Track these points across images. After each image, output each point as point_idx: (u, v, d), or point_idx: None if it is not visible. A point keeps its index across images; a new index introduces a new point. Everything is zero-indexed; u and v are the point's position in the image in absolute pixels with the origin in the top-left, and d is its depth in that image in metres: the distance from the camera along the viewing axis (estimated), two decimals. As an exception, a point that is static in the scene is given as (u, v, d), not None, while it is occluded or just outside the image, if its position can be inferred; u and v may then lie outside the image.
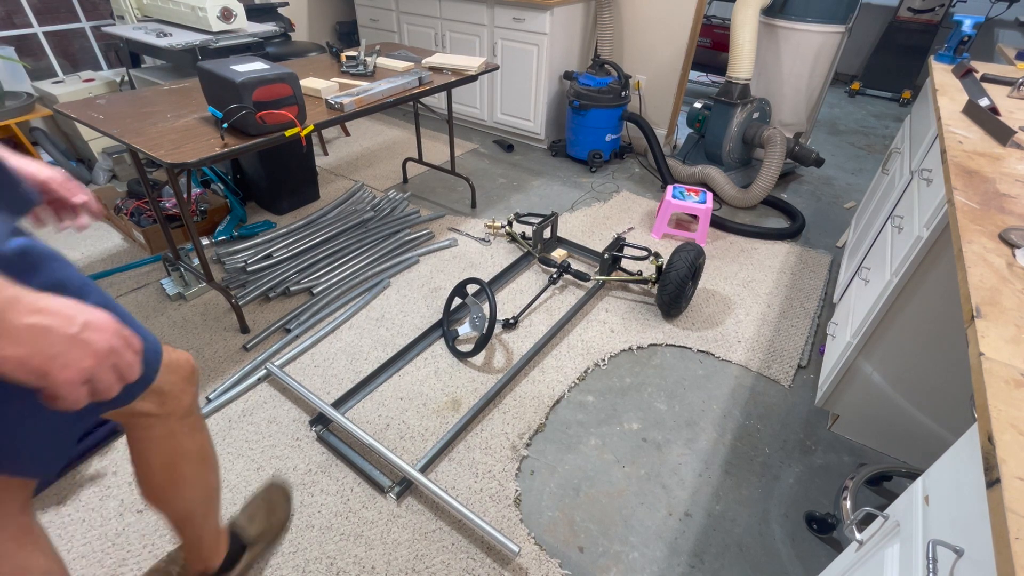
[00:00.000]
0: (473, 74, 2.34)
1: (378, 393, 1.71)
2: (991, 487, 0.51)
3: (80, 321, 0.50)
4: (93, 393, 0.52)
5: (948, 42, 2.12)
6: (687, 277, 1.93)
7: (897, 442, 1.55)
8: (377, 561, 1.27)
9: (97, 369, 0.51)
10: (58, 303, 0.50)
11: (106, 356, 0.52)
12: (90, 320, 0.51)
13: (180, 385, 0.84)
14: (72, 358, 0.49)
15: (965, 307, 0.75)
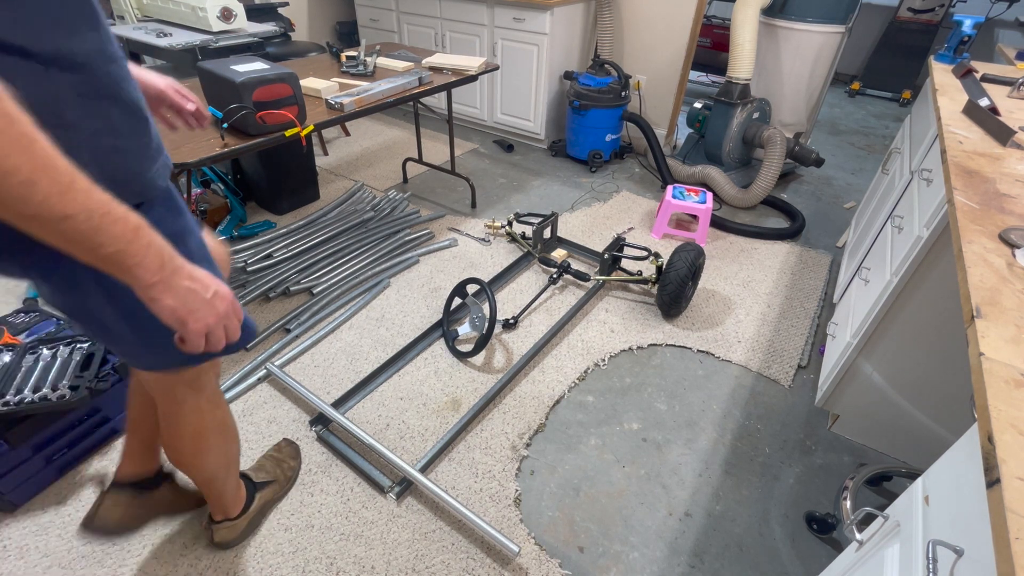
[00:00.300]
0: (473, 74, 2.34)
1: (378, 393, 1.71)
2: (991, 487, 0.51)
3: (212, 290, 0.66)
4: (208, 344, 0.68)
5: (948, 42, 2.12)
6: (687, 277, 1.93)
7: (897, 442, 1.55)
8: (377, 561, 1.27)
9: (215, 326, 0.67)
10: (202, 273, 0.66)
11: (223, 318, 0.68)
12: (218, 291, 0.67)
13: (207, 367, 0.96)
14: (202, 315, 0.65)
15: (965, 307, 0.75)
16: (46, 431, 1.35)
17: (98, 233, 0.53)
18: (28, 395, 1.29)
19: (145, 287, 0.60)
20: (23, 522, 1.32)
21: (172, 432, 1.01)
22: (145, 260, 0.58)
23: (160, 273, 0.60)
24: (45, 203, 0.48)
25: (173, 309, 0.63)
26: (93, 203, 0.52)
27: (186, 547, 1.28)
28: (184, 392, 0.96)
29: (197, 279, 0.65)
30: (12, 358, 1.39)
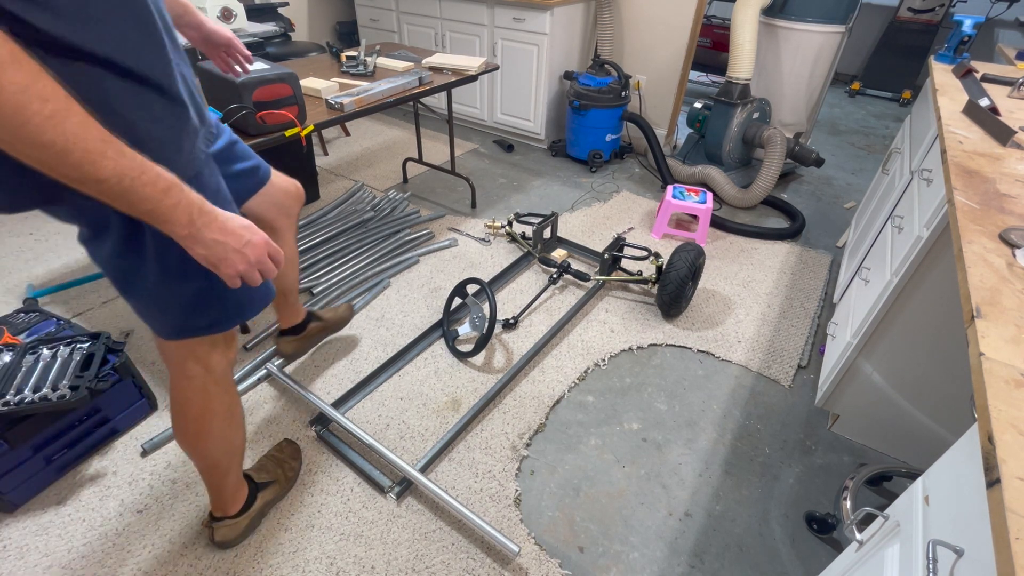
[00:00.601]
0: (473, 74, 2.34)
1: (378, 393, 1.71)
2: (991, 487, 0.51)
3: (245, 240, 0.75)
4: (246, 281, 0.78)
5: (948, 42, 2.12)
6: (687, 277, 1.93)
7: (897, 442, 1.55)
8: (377, 561, 1.27)
9: (246, 272, 0.77)
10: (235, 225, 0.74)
11: (254, 264, 0.77)
12: (251, 240, 0.76)
13: (221, 346, 1.01)
14: (233, 261, 0.74)
15: (965, 307, 0.75)
16: (46, 431, 1.35)
17: (129, 193, 0.62)
18: (28, 395, 1.29)
19: (179, 238, 0.70)
20: (23, 522, 1.32)
21: (178, 409, 1.05)
22: (173, 216, 0.67)
23: (189, 228, 0.69)
24: (80, 168, 0.58)
25: (204, 257, 0.73)
26: (124, 168, 0.60)
27: (186, 547, 1.28)
28: (194, 368, 0.99)
29: (229, 231, 0.73)
30: (12, 358, 1.39)
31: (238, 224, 0.75)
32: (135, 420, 1.57)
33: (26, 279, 2.16)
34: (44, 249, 2.34)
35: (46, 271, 2.21)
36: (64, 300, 2.05)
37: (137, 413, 1.57)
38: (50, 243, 2.38)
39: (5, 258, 2.27)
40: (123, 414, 1.53)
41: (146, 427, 1.57)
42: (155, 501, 1.38)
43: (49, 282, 2.14)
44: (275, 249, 0.80)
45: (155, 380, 1.72)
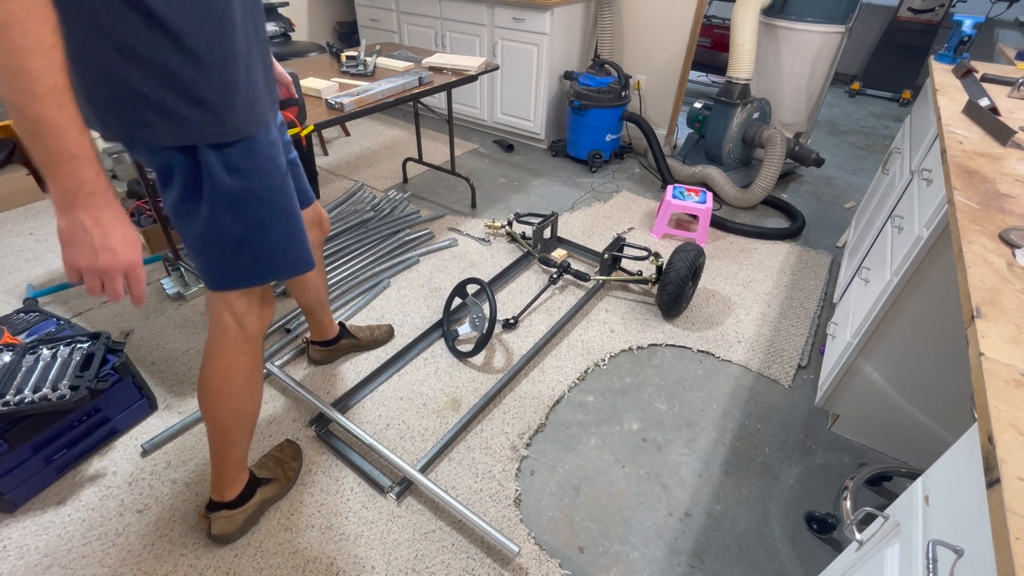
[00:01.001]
0: (473, 74, 2.34)
1: (378, 393, 1.71)
2: (991, 487, 0.51)
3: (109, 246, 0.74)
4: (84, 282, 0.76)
5: (948, 42, 2.12)
6: (687, 277, 1.93)
7: (897, 442, 1.55)
8: (377, 561, 1.27)
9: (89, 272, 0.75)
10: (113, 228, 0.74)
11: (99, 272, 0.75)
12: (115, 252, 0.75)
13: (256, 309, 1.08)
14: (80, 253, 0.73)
15: (965, 307, 0.75)
16: (46, 431, 1.35)
17: (34, 138, 0.65)
18: (28, 395, 1.30)
19: (53, 200, 0.71)
20: (23, 522, 1.32)
21: (207, 359, 1.11)
22: (57, 180, 0.69)
23: (64, 200, 0.70)
24: (14, 96, 0.62)
25: (61, 230, 0.73)
26: (49, 120, 0.64)
27: (186, 547, 1.28)
28: (229, 321, 1.06)
29: (101, 226, 0.73)
30: (12, 358, 1.39)
31: (119, 232, 0.75)
32: (135, 420, 1.57)
33: (26, 279, 2.16)
34: (44, 249, 2.34)
35: (46, 271, 2.21)
36: (64, 300, 2.05)
37: (137, 413, 1.57)
38: (50, 243, 2.38)
39: (5, 258, 2.27)
40: (123, 414, 1.53)
41: (146, 427, 1.57)
42: (155, 501, 1.38)
43: (49, 282, 2.14)
44: (137, 275, 0.78)
45: (155, 380, 1.72)
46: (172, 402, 1.65)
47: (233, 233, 0.96)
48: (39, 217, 2.58)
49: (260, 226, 0.98)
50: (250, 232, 0.97)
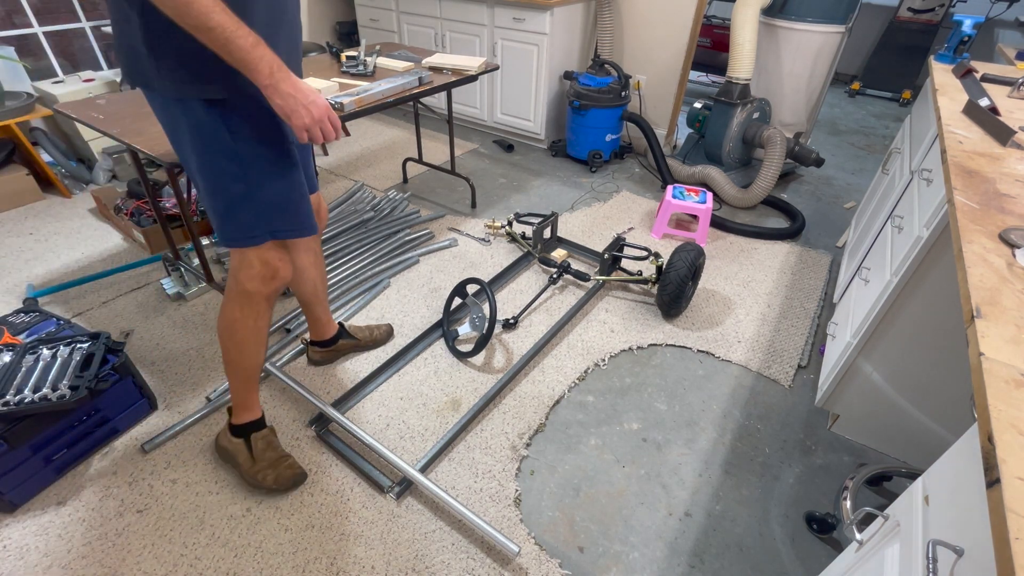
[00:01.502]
0: (473, 74, 2.33)
1: (378, 393, 1.71)
2: (991, 487, 0.51)
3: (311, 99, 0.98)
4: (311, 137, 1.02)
5: (948, 42, 2.12)
6: (687, 277, 1.93)
7: (897, 442, 1.55)
8: (377, 561, 1.27)
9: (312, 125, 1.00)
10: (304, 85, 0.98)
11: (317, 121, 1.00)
12: (315, 101, 0.99)
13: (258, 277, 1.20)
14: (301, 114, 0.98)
15: (965, 307, 0.75)
16: (46, 431, 1.35)
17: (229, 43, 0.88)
18: (28, 395, 1.30)
19: (262, 87, 0.94)
20: (23, 522, 1.32)
21: (223, 306, 1.26)
22: (259, 66, 0.92)
23: (270, 78, 0.93)
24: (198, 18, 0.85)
25: (280, 107, 0.96)
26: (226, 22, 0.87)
27: (186, 547, 1.28)
28: (232, 281, 1.22)
29: (299, 88, 0.97)
30: (12, 358, 1.39)
31: (306, 86, 0.98)
32: (135, 420, 1.57)
33: (26, 279, 2.16)
34: (44, 249, 2.34)
35: (46, 271, 2.21)
36: (64, 300, 2.05)
37: (137, 413, 1.57)
38: (50, 243, 2.38)
39: (5, 258, 2.27)
40: (123, 414, 1.53)
41: (146, 427, 1.57)
42: (155, 501, 1.38)
43: (49, 282, 2.14)
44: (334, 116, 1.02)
45: (155, 380, 1.72)
46: (172, 402, 1.65)
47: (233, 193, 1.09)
48: (39, 217, 2.58)
49: (259, 185, 1.10)
50: (251, 189, 1.09)
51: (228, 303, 1.25)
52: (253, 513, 1.36)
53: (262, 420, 1.44)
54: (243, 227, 1.14)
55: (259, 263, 1.19)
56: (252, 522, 1.34)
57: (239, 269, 1.20)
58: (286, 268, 1.23)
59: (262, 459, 1.39)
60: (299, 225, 1.20)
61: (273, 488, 1.38)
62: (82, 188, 2.83)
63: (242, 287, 1.21)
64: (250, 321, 1.26)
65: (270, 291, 1.24)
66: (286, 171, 1.13)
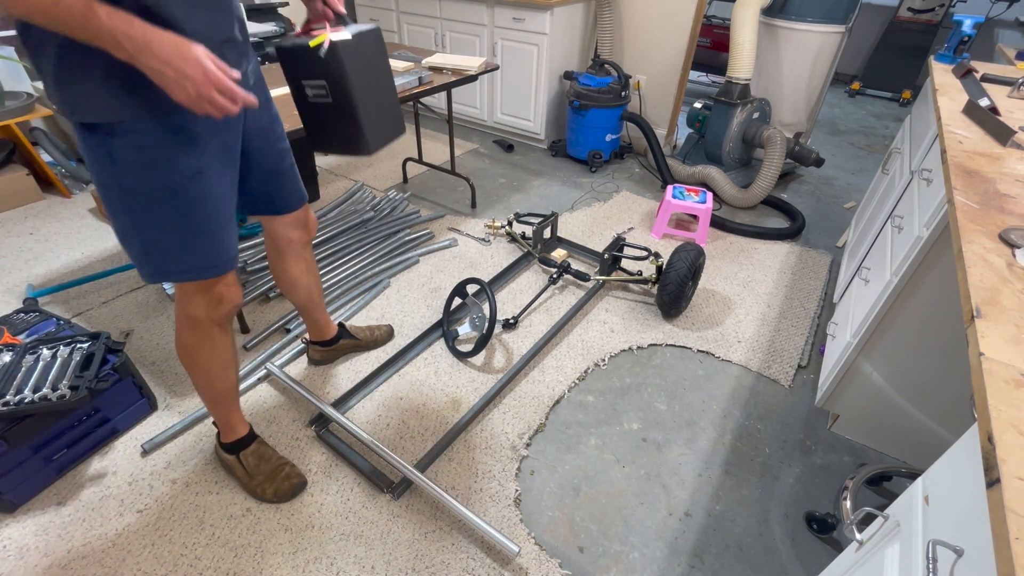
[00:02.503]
0: (473, 74, 2.34)
1: (378, 393, 1.71)
2: (991, 487, 0.51)
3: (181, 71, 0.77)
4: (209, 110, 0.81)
5: (948, 42, 2.12)
6: (687, 277, 1.93)
7: (897, 442, 1.55)
8: (377, 561, 1.27)
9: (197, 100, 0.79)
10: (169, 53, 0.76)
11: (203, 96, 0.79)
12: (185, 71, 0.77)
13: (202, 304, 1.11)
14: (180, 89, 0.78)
15: (965, 307, 0.75)
16: (46, 431, 1.35)
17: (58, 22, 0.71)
18: (28, 395, 1.30)
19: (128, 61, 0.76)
20: (23, 522, 1.32)
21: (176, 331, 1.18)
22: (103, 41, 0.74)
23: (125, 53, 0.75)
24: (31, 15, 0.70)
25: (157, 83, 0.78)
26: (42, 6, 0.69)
27: (186, 547, 1.28)
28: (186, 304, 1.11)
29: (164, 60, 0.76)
30: (12, 358, 1.39)
31: (173, 53, 0.76)
32: (135, 420, 1.57)
33: (26, 279, 2.16)
34: (44, 249, 2.34)
35: (46, 271, 2.21)
36: (64, 300, 2.05)
37: (137, 413, 1.57)
38: (50, 243, 2.38)
39: (5, 258, 2.28)
40: (123, 414, 1.53)
41: (146, 427, 1.57)
42: (155, 501, 1.38)
43: (49, 282, 2.14)
44: (222, 82, 0.80)
45: (155, 380, 1.72)
46: (172, 402, 1.65)
47: (122, 223, 0.97)
48: (39, 217, 2.58)
49: (145, 221, 0.96)
50: (137, 224, 0.96)
51: (178, 329, 1.16)
52: (253, 513, 1.36)
53: (249, 436, 1.41)
54: (138, 262, 1.02)
55: (198, 290, 1.09)
56: (252, 522, 1.34)
57: (179, 295, 1.10)
58: (231, 292, 1.13)
59: (257, 473, 1.38)
60: (196, 267, 1.04)
61: (274, 500, 1.37)
62: (82, 188, 2.83)
63: (186, 312, 1.12)
64: (206, 348, 1.17)
65: (219, 316, 1.14)
66: (181, 206, 0.96)
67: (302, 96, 1.18)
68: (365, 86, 1.18)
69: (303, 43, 1.10)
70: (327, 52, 1.09)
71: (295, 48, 1.11)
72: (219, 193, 1.02)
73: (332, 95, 1.15)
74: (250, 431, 1.42)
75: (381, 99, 1.24)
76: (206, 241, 1.02)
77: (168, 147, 0.91)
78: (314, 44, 1.09)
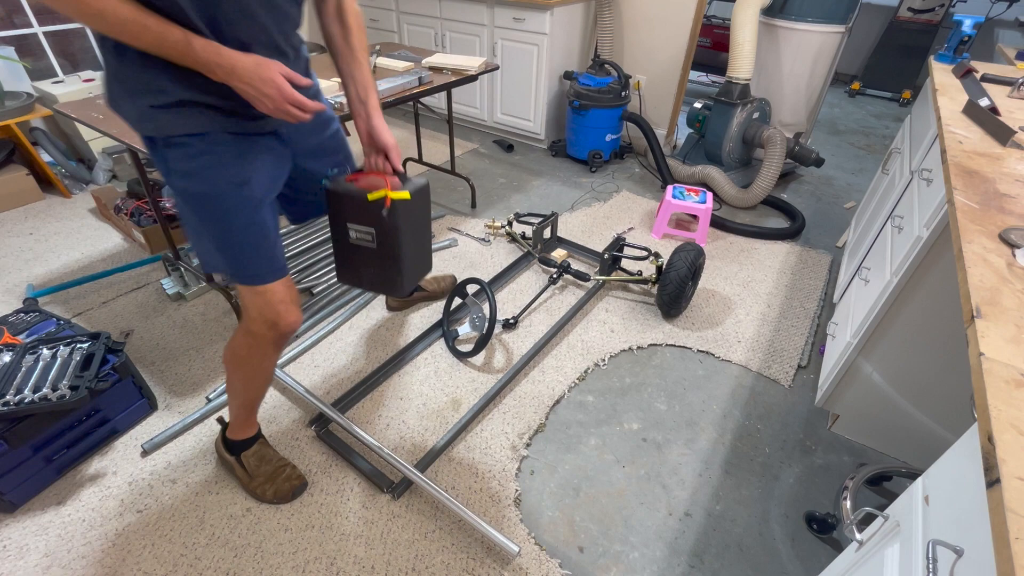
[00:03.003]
0: (473, 74, 2.34)
1: (378, 393, 1.71)
2: (991, 487, 0.51)
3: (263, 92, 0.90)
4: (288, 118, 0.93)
5: (948, 42, 2.12)
6: (687, 277, 1.93)
7: (897, 442, 1.55)
8: (377, 561, 1.27)
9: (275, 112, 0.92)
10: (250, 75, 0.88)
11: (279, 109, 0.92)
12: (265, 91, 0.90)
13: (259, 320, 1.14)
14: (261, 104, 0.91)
15: (965, 307, 0.75)
16: (46, 431, 1.35)
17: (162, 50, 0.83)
18: (28, 395, 1.30)
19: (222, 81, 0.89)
20: (23, 522, 1.32)
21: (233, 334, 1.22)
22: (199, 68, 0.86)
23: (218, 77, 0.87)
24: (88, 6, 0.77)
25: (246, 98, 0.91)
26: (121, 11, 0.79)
27: (186, 547, 1.28)
28: (247, 319, 1.15)
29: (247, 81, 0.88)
30: (12, 358, 1.39)
31: (253, 75, 0.87)
32: (135, 420, 1.57)
33: (26, 279, 2.16)
34: (44, 249, 2.34)
35: (46, 271, 2.21)
36: (64, 300, 2.05)
37: (137, 413, 1.57)
38: (50, 243, 2.38)
39: (5, 258, 2.28)
40: (123, 414, 1.53)
41: (146, 427, 1.57)
42: (155, 501, 1.38)
43: (49, 282, 2.14)
44: (292, 95, 0.91)
45: (155, 380, 1.72)
46: (172, 402, 1.65)
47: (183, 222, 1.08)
48: (39, 217, 2.58)
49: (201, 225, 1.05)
50: (199, 227, 1.06)
51: (236, 334, 1.20)
52: (253, 513, 1.36)
53: (254, 437, 1.42)
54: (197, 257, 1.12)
55: (254, 309, 1.13)
56: (252, 522, 1.34)
57: (244, 308, 1.15)
58: (289, 315, 1.15)
59: (258, 474, 1.38)
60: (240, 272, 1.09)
61: (273, 501, 1.37)
62: (82, 188, 2.83)
63: (247, 327, 1.16)
64: (255, 359, 1.21)
65: (274, 336, 1.16)
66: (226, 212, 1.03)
67: (342, 234, 1.22)
68: (411, 237, 1.22)
69: (359, 193, 1.13)
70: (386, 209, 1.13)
71: (349, 195, 1.15)
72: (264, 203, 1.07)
73: (377, 243, 1.19)
74: (257, 432, 1.43)
75: (420, 245, 1.29)
76: (249, 249, 1.07)
77: (215, 158, 0.99)
78: (373, 198, 1.12)
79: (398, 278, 1.23)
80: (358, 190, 1.14)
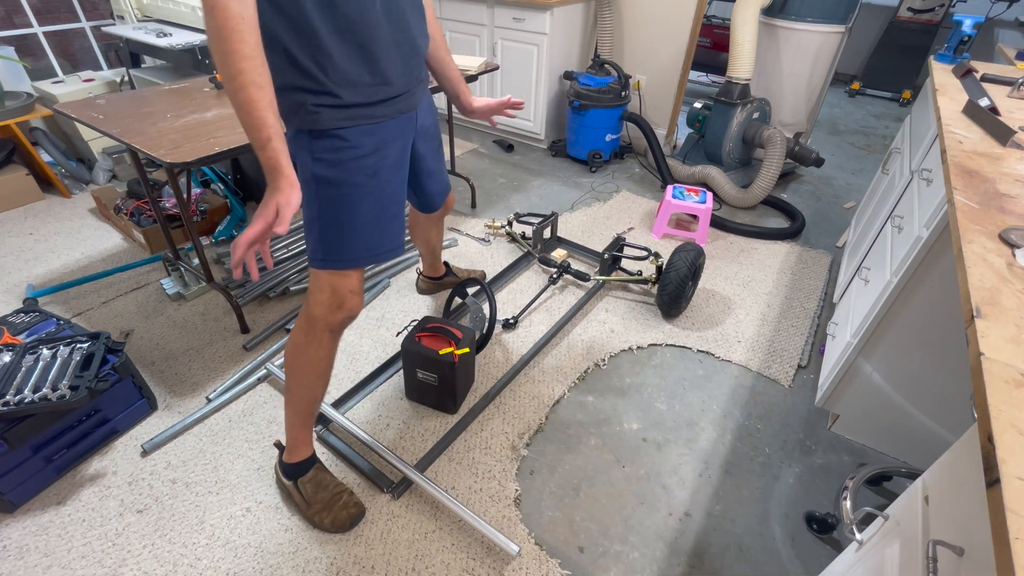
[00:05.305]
0: (473, 74, 2.34)
1: (378, 393, 1.71)
2: (991, 487, 0.51)
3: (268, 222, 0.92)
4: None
5: (948, 42, 2.12)
6: (687, 277, 1.93)
7: (897, 442, 1.55)
8: (377, 561, 1.27)
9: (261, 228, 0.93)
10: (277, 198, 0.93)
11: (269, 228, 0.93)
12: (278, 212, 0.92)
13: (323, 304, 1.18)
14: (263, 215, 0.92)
15: (965, 307, 0.75)
16: (46, 431, 1.35)
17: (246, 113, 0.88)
18: (28, 395, 1.30)
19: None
20: (23, 522, 1.32)
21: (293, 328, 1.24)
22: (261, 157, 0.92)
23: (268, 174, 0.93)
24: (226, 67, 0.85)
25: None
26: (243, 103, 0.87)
27: (186, 547, 1.28)
28: (312, 301, 1.19)
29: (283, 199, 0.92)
30: (12, 358, 1.39)
31: (274, 191, 0.92)
32: (135, 420, 1.57)
33: (26, 279, 2.16)
34: (44, 249, 2.35)
35: (46, 271, 2.21)
36: (64, 300, 2.05)
37: (137, 413, 1.57)
38: (50, 243, 2.38)
39: (5, 258, 2.28)
40: (123, 414, 1.53)
41: (146, 427, 1.57)
42: (155, 501, 1.38)
43: (49, 282, 2.14)
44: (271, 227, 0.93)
45: (155, 380, 1.72)
46: (172, 402, 1.65)
47: (309, 212, 1.14)
48: (39, 217, 2.58)
49: (324, 213, 1.12)
50: (320, 214, 1.13)
51: (296, 326, 1.23)
52: (253, 513, 1.36)
53: (309, 460, 1.37)
54: (311, 248, 1.17)
55: (328, 289, 1.18)
56: (252, 522, 1.34)
57: (311, 291, 1.19)
58: (354, 301, 1.20)
59: (315, 501, 1.34)
60: (340, 255, 1.17)
61: (331, 530, 1.33)
62: (82, 188, 2.83)
63: (309, 310, 1.19)
64: (311, 350, 1.22)
65: (335, 321, 1.20)
66: (357, 199, 1.13)
67: (413, 376, 1.59)
68: (463, 374, 1.59)
69: (431, 353, 1.52)
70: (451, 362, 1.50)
71: (421, 354, 1.53)
72: (389, 191, 1.19)
73: (439, 382, 1.55)
74: (312, 455, 1.38)
75: (467, 375, 1.65)
76: (374, 232, 1.18)
77: (355, 150, 1.08)
78: (442, 353, 1.51)
79: (452, 402, 1.61)
80: (430, 351, 1.52)
